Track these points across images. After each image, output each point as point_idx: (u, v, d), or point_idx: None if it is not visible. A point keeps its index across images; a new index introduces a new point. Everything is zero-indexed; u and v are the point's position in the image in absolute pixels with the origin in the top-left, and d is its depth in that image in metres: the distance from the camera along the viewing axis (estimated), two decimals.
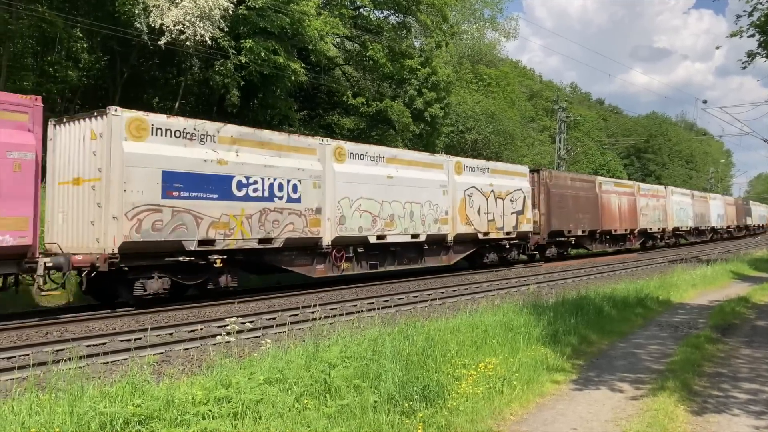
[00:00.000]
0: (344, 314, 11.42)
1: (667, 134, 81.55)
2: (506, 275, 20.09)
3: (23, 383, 6.30)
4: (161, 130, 12.18)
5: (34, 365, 6.70)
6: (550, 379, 6.93)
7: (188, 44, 18.40)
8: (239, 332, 8.55)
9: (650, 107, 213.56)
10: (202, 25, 17.78)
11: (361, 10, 27.51)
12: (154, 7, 17.57)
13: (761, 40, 16.43)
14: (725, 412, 5.90)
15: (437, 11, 27.94)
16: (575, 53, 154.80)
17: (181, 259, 12.41)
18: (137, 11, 18.12)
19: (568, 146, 44.16)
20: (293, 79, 21.01)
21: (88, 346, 8.85)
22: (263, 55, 19.49)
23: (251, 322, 10.22)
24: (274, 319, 11.28)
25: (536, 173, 24.73)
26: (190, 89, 24.35)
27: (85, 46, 20.44)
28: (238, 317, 9.17)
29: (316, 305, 11.30)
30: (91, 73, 21.65)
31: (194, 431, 4.60)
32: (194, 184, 12.49)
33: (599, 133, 69.12)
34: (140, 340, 9.20)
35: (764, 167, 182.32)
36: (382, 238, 16.82)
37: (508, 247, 22.09)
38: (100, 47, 21.19)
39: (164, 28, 17.57)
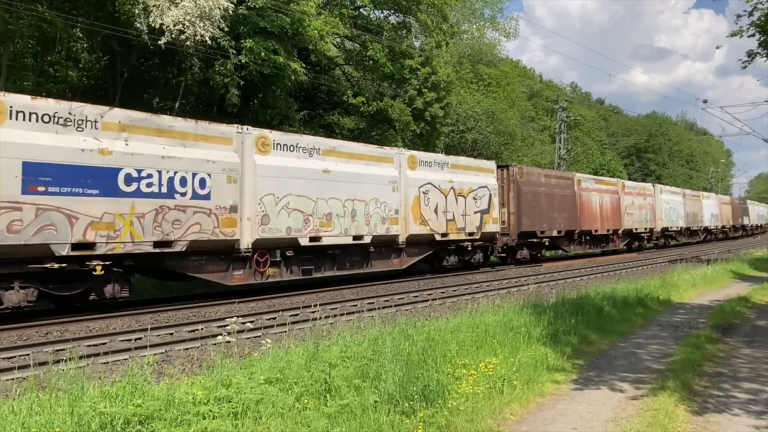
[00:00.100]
0: (344, 314, 11.44)
1: (667, 134, 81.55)
2: (506, 275, 20.10)
3: (24, 383, 6.32)
4: (23, 113, 10.47)
5: (34, 365, 6.72)
6: (550, 378, 6.94)
7: (188, 44, 18.38)
8: (239, 332, 8.57)
9: (650, 107, 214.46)
10: (202, 25, 17.76)
11: (361, 9, 27.46)
12: (154, 7, 17.55)
13: (761, 39, 16.45)
14: (725, 411, 5.90)
15: (437, 11, 27.89)
16: (575, 53, 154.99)
17: (49, 266, 10.62)
18: (137, 11, 18.09)
19: (568, 146, 44.14)
20: (293, 79, 20.99)
21: (88, 346, 8.87)
22: (263, 55, 19.48)
23: (251, 322, 10.25)
24: (274, 319, 11.30)
25: (505, 169, 23.20)
26: (190, 89, 24.32)
27: (85, 46, 20.42)
28: (238, 317, 9.20)
29: (316, 305, 11.34)
30: (91, 73, 21.64)
31: (194, 431, 4.61)
32: (67, 177, 10.77)
33: (599, 132, 69.13)
34: (140, 340, 9.22)
35: (764, 167, 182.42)
36: (316, 240, 15.06)
37: (470, 249, 20.41)
38: (100, 47, 21.17)
39: (164, 28, 17.55)
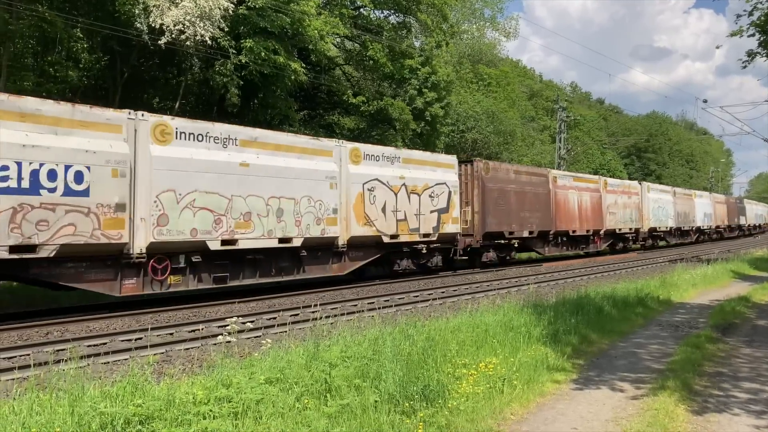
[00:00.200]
0: (345, 314, 11.45)
1: (667, 134, 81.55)
2: (506, 275, 20.11)
3: (24, 383, 6.32)
4: None
5: (34, 365, 6.72)
6: (550, 378, 6.94)
7: (188, 44, 18.38)
8: (240, 332, 8.57)
9: (650, 107, 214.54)
10: (202, 25, 17.77)
11: (361, 9, 27.47)
12: (154, 7, 17.56)
13: (761, 39, 16.46)
14: (726, 411, 5.91)
15: (437, 11, 27.90)
16: (575, 53, 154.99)
17: None
18: (137, 11, 18.10)
19: (568, 146, 44.14)
20: (293, 78, 21.00)
21: (88, 346, 8.88)
22: (263, 54, 19.49)
23: (252, 321, 10.25)
24: (274, 318, 11.31)
25: (469, 165, 21.51)
26: (190, 89, 24.32)
27: (85, 46, 20.43)
28: (238, 317, 9.20)
29: (316, 305, 11.35)
30: (91, 73, 21.64)
31: (195, 431, 4.61)
32: None
33: (599, 132, 69.12)
34: (141, 339, 9.23)
35: (764, 167, 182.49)
36: (230, 243, 13.26)
37: (425, 252, 18.76)
38: (100, 47, 21.17)
39: (164, 28, 17.56)
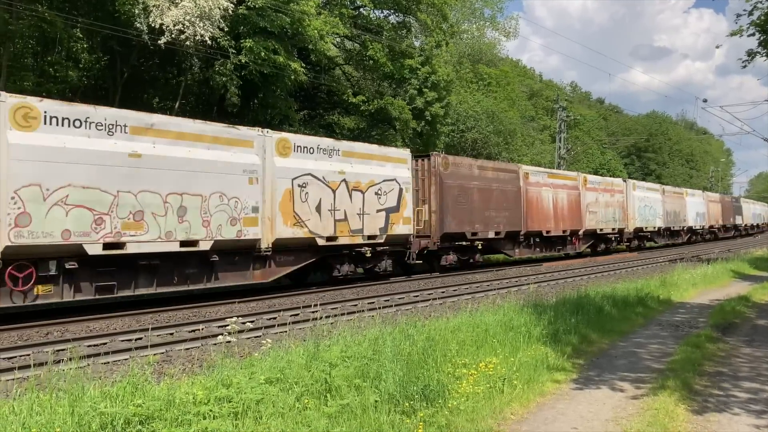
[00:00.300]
0: (345, 314, 11.44)
1: (667, 133, 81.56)
2: (506, 275, 20.11)
3: (24, 383, 6.32)
4: None
5: (34, 365, 6.72)
6: (550, 378, 6.94)
7: (188, 44, 18.39)
8: (240, 332, 8.57)
9: (650, 106, 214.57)
10: (202, 24, 17.77)
11: (361, 9, 27.47)
12: (154, 7, 17.56)
13: (761, 39, 16.46)
14: (726, 411, 5.90)
15: (437, 11, 27.90)
16: (575, 52, 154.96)
17: None
18: (137, 11, 18.10)
19: (568, 145, 44.14)
20: (293, 78, 21.00)
21: (89, 346, 8.88)
22: (263, 54, 19.49)
23: (252, 321, 10.26)
24: (274, 318, 11.31)
25: (425, 160, 19.74)
26: (190, 89, 24.33)
27: (85, 46, 20.44)
28: (238, 317, 9.21)
29: (316, 305, 11.35)
30: (91, 73, 21.65)
31: (195, 431, 4.61)
32: None
33: (599, 132, 69.11)
34: (141, 340, 9.23)
35: (764, 166, 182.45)
36: (116, 247, 11.46)
37: (370, 255, 16.77)
38: (100, 47, 21.18)
39: (164, 28, 17.56)
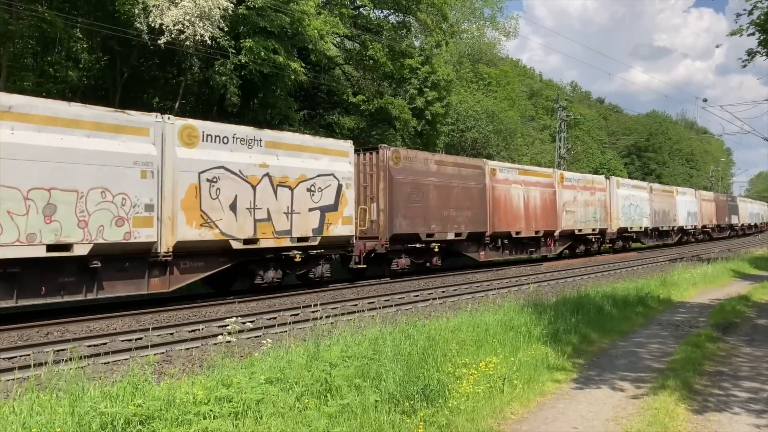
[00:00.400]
0: (345, 314, 11.44)
1: (667, 133, 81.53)
2: (506, 274, 20.11)
3: (24, 383, 6.32)
4: None
5: (35, 365, 6.72)
6: (550, 378, 6.94)
7: (188, 44, 18.38)
8: (240, 332, 8.57)
9: (650, 106, 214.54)
10: (201, 24, 17.76)
11: (360, 9, 27.47)
12: (153, 7, 17.55)
13: (761, 38, 16.49)
14: (726, 410, 5.91)
15: (437, 10, 27.91)
16: (575, 52, 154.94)
17: None
18: (137, 11, 18.10)
19: (568, 145, 44.12)
20: (293, 78, 21.00)
21: (89, 346, 8.88)
22: (263, 54, 19.48)
23: (252, 321, 10.26)
24: (274, 318, 11.30)
25: (373, 153, 17.99)
26: (190, 89, 24.33)
27: (85, 46, 20.44)
28: (238, 317, 9.22)
29: (316, 305, 11.35)
30: (91, 73, 21.65)
31: (195, 431, 4.61)
32: None
33: (599, 131, 69.07)
34: (141, 339, 9.23)
35: (764, 165, 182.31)
36: None
37: (300, 260, 14.81)
38: (100, 47, 21.17)
39: (164, 28, 17.55)
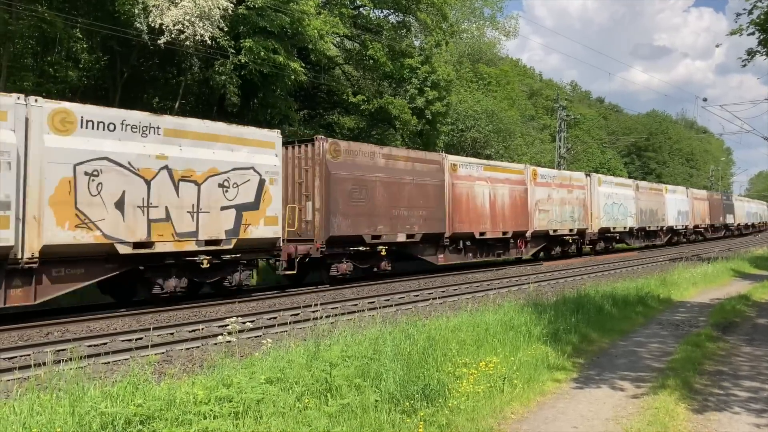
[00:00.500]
0: (345, 313, 11.44)
1: (667, 132, 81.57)
2: (506, 274, 20.11)
3: (24, 383, 6.32)
4: None
5: (35, 365, 6.72)
6: (551, 377, 6.94)
7: (188, 44, 18.38)
8: (240, 332, 8.57)
9: (650, 105, 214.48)
10: (201, 24, 17.76)
11: (360, 9, 27.47)
12: (153, 7, 17.55)
13: (761, 38, 16.50)
14: (726, 410, 5.91)
15: (437, 10, 27.91)
16: (575, 52, 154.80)
17: None
18: (137, 11, 18.10)
19: (568, 145, 44.13)
20: (293, 78, 21.00)
21: (89, 346, 8.88)
22: (263, 54, 19.48)
23: (252, 321, 10.26)
24: (275, 318, 11.30)
25: (308, 145, 16.15)
26: (190, 89, 24.33)
27: (85, 46, 20.45)
28: (239, 317, 9.22)
29: (316, 305, 11.35)
30: (91, 73, 21.65)
31: (195, 431, 4.61)
32: None
33: (599, 131, 69.11)
34: (141, 339, 9.23)
35: (764, 165, 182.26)
36: None
37: (208, 266, 12.84)
38: (100, 47, 21.17)
39: (164, 28, 17.55)
